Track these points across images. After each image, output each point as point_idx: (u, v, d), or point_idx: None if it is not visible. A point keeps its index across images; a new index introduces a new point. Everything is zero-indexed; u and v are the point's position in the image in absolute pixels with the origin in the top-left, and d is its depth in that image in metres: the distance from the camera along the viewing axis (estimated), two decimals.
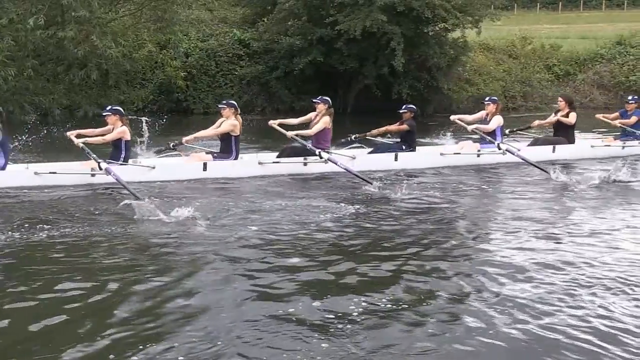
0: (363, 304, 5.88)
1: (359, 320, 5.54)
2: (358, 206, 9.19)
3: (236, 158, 11.38)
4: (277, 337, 5.24)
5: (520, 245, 7.64)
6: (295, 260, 6.90)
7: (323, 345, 5.10)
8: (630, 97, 15.44)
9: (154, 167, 10.65)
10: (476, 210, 9.42)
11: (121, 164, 10.44)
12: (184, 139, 11.12)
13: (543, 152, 13.31)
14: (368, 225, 8.39)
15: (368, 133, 12.80)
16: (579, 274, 6.70)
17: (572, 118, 13.68)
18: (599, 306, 5.90)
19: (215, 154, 11.36)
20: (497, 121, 13.07)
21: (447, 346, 5.15)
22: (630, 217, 9.10)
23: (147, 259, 6.84)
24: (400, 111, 12.83)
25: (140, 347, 4.91)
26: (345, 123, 21.52)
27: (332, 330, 5.35)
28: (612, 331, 5.39)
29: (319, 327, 5.39)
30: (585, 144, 14.36)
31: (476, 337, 5.28)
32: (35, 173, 10.04)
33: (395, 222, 8.58)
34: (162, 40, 22.78)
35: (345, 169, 10.87)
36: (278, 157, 11.92)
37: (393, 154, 12.45)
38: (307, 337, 5.23)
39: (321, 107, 11.95)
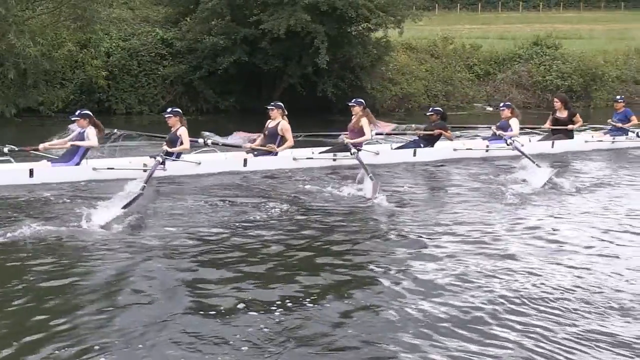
0: (292, 302, 5.91)
1: (291, 320, 5.57)
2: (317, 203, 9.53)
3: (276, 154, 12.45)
4: (198, 336, 5.23)
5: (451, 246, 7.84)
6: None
7: (244, 347, 5.11)
8: (618, 97, 17.03)
9: (199, 163, 11.66)
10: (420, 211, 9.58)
11: (174, 160, 11.51)
12: (245, 144, 12.41)
13: (543, 147, 14.93)
14: (312, 224, 8.55)
15: (418, 131, 14.19)
16: (506, 276, 6.90)
17: (578, 120, 15.50)
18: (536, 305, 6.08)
19: (255, 152, 12.40)
20: (517, 124, 14.55)
21: (368, 344, 5.24)
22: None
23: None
24: (428, 114, 14.35)
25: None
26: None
27: (255, 331, 5.35)
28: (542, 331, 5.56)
29: (243, 327, 5.40)
30: (580, 139, 15.92)
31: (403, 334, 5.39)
32: (94, 169, 11.02)
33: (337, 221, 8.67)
34: (83, 39, 22.26)
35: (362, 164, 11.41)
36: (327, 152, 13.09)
37: (412, 149, 13.73)
38: (229, 337, 5.24)
39: (357, 110, 12.96)
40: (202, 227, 8.35)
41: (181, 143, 11.53)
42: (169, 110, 12.05)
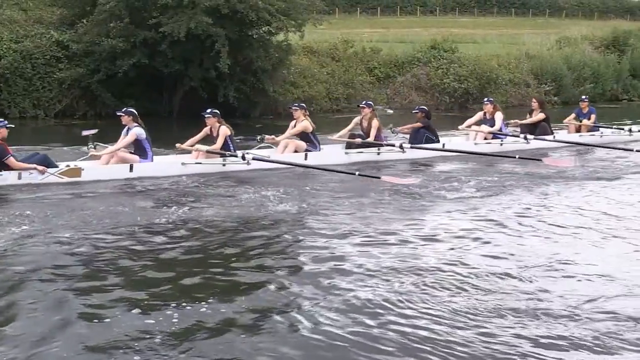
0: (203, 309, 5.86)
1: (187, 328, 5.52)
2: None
3: (318, 149, 13.33)
4: (87, 345, 5.14)
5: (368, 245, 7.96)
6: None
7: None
8: (583, 97, 18.41)
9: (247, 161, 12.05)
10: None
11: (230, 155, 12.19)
12: (266, 137, 13.08)
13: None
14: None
15: (398, 128, 15.05)
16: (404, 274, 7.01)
17: (540, 117, 16.41)
18: (434, 305, 6.19)
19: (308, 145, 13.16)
20: (500, 117, 15.44)
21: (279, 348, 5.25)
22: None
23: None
24: (413, 112, 15.29)
25: None
26: (172, 126, 21.23)
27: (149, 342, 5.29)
28: (443, 329, 5.67)
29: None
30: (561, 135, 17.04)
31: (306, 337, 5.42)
32: (183, 164, 11.93)
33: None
34: None
35: None
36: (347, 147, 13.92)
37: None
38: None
39: (367, 111, 14.02)
40: (99, 233, 8.16)
41: (231, 140, 12.31)
42: (208, 110, 12.60)
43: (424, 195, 10.69)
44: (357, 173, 11.65)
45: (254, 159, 11.94)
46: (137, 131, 11.67)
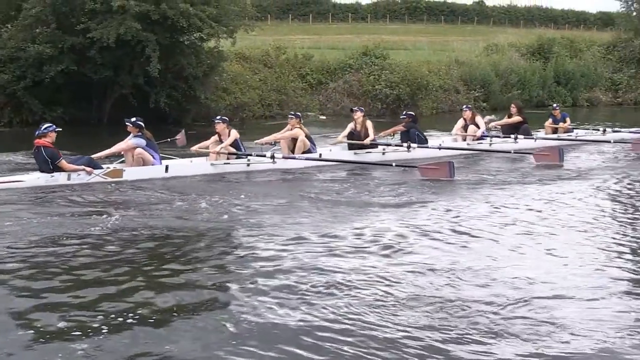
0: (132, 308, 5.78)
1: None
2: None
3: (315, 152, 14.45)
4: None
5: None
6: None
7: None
8: (555, 105, 20.19)
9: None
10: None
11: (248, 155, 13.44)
12: (262, 141, 14.49)
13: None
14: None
15: (382, 133, 16.16)
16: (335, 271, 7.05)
17: (518, 119, 17.67)
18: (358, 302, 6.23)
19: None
20: (482, 121, 17.09)
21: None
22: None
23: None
24: (402, 117, 16.38)
25: None
26: (102, 134, 20.86)
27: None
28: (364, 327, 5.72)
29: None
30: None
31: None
32: (212, 164, 13.16)
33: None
34: None
35: None
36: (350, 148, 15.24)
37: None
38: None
39: (359, 114, 15.30)
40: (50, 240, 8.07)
41: (241, 143, 13.57)
42: (218, 117, 14.09)
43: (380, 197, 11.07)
44: (394, 164, 13.11)
45: (283, 157, 13.47)
46: (135, 141, 12.41)
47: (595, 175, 13.51)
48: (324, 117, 27.92)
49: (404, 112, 16.86)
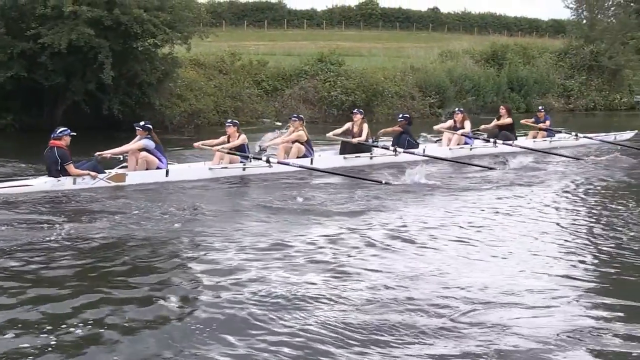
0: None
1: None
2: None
3: (312, 156, 15.16)
4: None
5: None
6: None
7: None
8: (540, 107, 21.45)
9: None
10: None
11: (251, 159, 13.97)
12: (264, 145, 15.43)
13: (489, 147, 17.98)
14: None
15: (381, 132, 17.32)
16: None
17: (509, 120, 18.86)
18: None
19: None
20: (469, 125, 17.81)
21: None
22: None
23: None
24: (398, 119, 17.25)
25: None
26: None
27: None
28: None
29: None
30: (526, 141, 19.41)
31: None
32: (210, 169, 13.80)
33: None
34: None
35: None
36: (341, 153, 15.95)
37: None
38: None
39: (358, 117, 16.11)
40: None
41: (247, 148, 14.05)
42: (229, 121, 14.69)
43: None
44: (383, 181, 13.17)
45: (278, 162, 13.89)
46: (144, 142, 13.00)
47: (553, 182, 13.85)
48: (280, 124, 27.80)
49: (400, 115, 17.81)
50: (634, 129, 22.54)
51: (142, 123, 13.32)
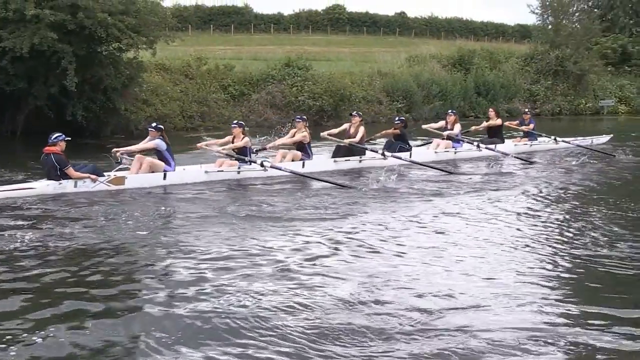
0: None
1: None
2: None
3: (311, 158, 15.39)
4: None
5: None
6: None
7: None
8: (526, 109, 22.65)
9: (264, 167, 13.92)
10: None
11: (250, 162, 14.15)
12: (268, 145, 15.66)
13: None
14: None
15: (379, 134, 18.13)
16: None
17: (499, 122, 19.54)
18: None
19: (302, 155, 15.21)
20: (459, 127, 18.14)
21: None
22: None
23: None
24: (395, 122, 17.63)
25: None
26: (15, 147, 20.15)
27: None
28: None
29: None
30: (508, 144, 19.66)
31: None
32: (206, 172, 13.97)
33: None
34: None
35: None
36: (334, 156, 16.26)
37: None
38: None
39: (357, 119, 16.38)
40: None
41: (250, 150, 14.26)
42: (235, 122, 14.77)
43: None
44: (364, 188, 13.09)
45: (271, 167, 13.98)
46: (157, 142, 13.34)
47: (525, 187, 13.89)
48: (247, 129, 27.57)
49: (397, 118, 18.26)
50: (600, 133, 22.82)
51: (154, 124, 13.79)
